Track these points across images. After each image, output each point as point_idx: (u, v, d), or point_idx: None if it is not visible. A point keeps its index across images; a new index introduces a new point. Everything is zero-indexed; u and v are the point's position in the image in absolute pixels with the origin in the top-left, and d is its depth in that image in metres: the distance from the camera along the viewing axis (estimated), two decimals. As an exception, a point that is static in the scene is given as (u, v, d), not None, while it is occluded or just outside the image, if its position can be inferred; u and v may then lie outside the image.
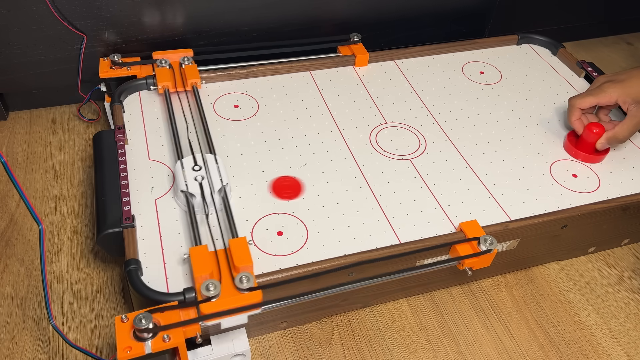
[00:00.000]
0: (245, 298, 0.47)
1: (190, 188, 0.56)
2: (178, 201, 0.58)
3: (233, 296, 0.47)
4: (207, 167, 0.58)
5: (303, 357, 0.56)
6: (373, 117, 0.72)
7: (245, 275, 0.47)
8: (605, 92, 0.66)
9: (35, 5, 0.69)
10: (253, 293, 0.47)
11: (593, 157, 0.67)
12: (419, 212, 0.60)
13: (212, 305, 0.46)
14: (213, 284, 0.46)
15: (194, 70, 0.71)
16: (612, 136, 0.65)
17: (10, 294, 0.59)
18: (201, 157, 0.59)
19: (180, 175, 0.57)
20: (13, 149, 0.76)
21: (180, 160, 0.59)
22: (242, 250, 0.50)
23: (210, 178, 0.57)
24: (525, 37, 0.88)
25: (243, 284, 0.47)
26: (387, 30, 0.91)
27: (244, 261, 0.49)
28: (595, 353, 0.58)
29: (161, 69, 0.71)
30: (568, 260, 0.68)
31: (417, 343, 0.58)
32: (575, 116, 0.68)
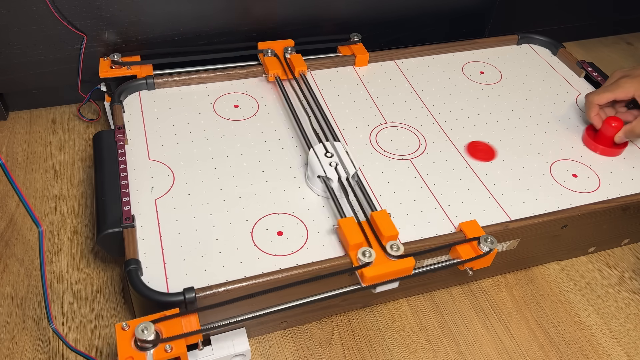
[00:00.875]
0: (399, 264, 0.51)
1: (328, 173, 0.58)
2: (314, 187, 0.60)
3: (387, 262, 0.51)
4: (339, 154, 0.61)
5: (303, 357, 0.56)
6: (373, 117, 0.72)
7: (395, 243, 0.51)
8: (622, 87, 0.67)
9: (35, 5, 0.69)
10: (405, 260, 0.51)
11: (612, 151, 0.68)
12: (419, 212, 0.60)
13: (370, 269, 0.50)
14: (369, 251, 0.50)
15: (300, 59, 0.75)
16: (629, 130, 0.66)
17: (10, 295, 0.59)
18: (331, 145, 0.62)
19: (316, 161, 0.59)
20: (13, 149, 0.76)
21: (312, 148, 0.61)
22: (386, 221, 0.53)
23: (344, 164, 0.60)
24: (525, 37, 0.88)
25: (394, 251, 0.51)
26: (387, 30, 0.91)
27: (390, 231, 0.53)
28: (595, 353, 0.58)
29: (269, 58, 0.75)
30: (568, 260, 0.68)
31: (417, 343, 0.58)
32: (594, 112, 0.69)
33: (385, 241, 0.52)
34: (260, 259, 0.53)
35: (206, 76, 0.74)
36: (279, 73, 0.74)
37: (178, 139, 0.66)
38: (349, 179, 0.59)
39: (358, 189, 0.59)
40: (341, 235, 0.54)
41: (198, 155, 0.64)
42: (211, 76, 0.74)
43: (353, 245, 0.52)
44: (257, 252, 0.54)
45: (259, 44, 0.77)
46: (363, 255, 0.50)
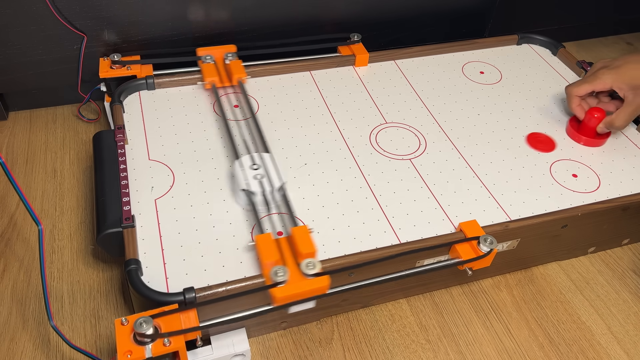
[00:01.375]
0: (314, 283, 0.48)
1: (251, 186, 0.57)
2: (238, 200, 0.58)
3: (301, 281, 0.48)
4: (265, 166, 0.59)
5: (303, 357, 0.56)
6: (373, 117, 0.72)
7: (311, 261, 0.49)
8: (600, 79, 0.67)
9: (35, 5, 0.69)
10: (320, 278, 0.49)
11: (595, 141, 0.69)
12: (419, 212, 0.60)
13: (281, 289, 0.47)
14: (282, 269, 0.48)
15: (239, 66, 0.73)
16: (609, 122, 0.67)
17: (10, 294, 0.59)
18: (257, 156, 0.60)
19: (240, 174, 0.58)
20: (13, 149, 0.76)
21: (238, 159, 0.60)
22: (305, 237, 0.51)
23: (269, 176, 0.58)
24: (525, 37, 0.88)
25: (310, 270, 0.49)
26: (387, 30, 0.91)
27: (307, 248, 0.50)
28: (595, 353, 0.58)
29: (207, 64, 0.73)
30: (568, 260, 0.68)
31: (417, 343, 0.58)
32: (575, 103, 0.70)
33: (302, 259, 0.50)
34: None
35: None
36: (215, 80, 0.71)
37: (178, 139, 0.66)
38: (273, 192, 0.57)
39: (284, 203, 0.57)
40: (257, 252, 0.52)
41: (198, 155, 0.64)
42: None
43: (266, 264, 0.49)
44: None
45: (197, 50, 0.74)
46: (275, 274, 0.48)
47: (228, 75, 0.72)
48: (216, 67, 0.72)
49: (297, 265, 0.50)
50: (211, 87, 0.71)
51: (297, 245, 0.50)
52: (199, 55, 0.73)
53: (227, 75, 0.72)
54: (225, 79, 0.71)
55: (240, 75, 0.71)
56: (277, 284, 0.48)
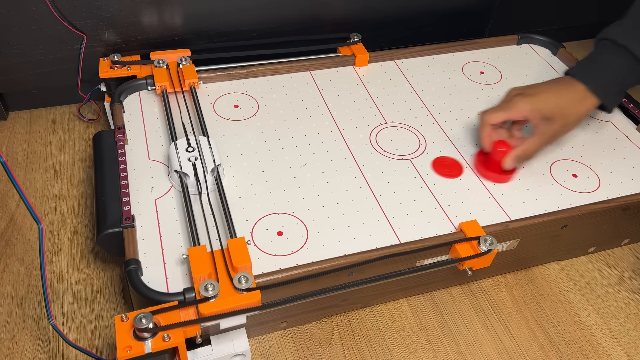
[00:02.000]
0: (244, 298, 0.47)
1: (184, 168, 0.57)
2: (172, 181, 0.59)
3: (231, 296, 0.47)
4: (201, 149, 0.59)
5: (303, 357, 0.56)
6: (373, 117, 0.72)
7: (244, 275, 0.48)
8: (515, 107, 0.61)
9: (35, 5, 0.69)
10: (252, 293, 0.47)
11: (501, 177, 0.64)
12: (419, 212, 0.60)
13: (210, 305, 0.46)
14: (212, 284, 0.47)
15: (192, 71, 0.72)
16: (520, 154, 0.62)
17: (10, 294, 0.59)
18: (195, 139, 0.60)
19: (174, 155, 0.58)
20: (13, 149, 0.76)
21: (174, 141, 0.59)
22: (241, 250, 0.50)
23: (204, 158, 0.58)
24: (525, 37, 0.88)
25: (242, 284, 0.47)
26: (387, 30, 0.91)
27: (242, 261, 0.49)
28: (595, 353, 0.58)
29: (159, 69, 0.71)
30: (568, 260, 0.68)
31: (417, 343, 0.58)
32: (486, 132, 0.63)
33: (235, 272, 0.48)
34: (260, 259, 0.53)
35: (206, 76, 0.74)
36: (167, 85, 0.70)
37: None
38: (205, 174, 0.57)
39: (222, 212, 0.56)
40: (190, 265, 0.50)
41: (198, 155, 0.64)
42: (211, 76, 0.74)
43: (197, 278, 0.48)
44: (257, 252, 0.54)
45: (151, 54, 0.73)
46: (205, 289, 0.46)
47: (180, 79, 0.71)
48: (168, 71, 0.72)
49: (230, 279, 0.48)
50: (161, 92, 0.70)
51: (231, 258, 0.49)
52: (152, 59, 0.72)
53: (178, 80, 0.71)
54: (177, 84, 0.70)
55: (193, 80, 0.71)
56: (207, 298, 0.46)
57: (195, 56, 0.75)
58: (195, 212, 0.56)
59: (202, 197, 0.57)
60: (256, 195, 0.60)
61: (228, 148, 0.65)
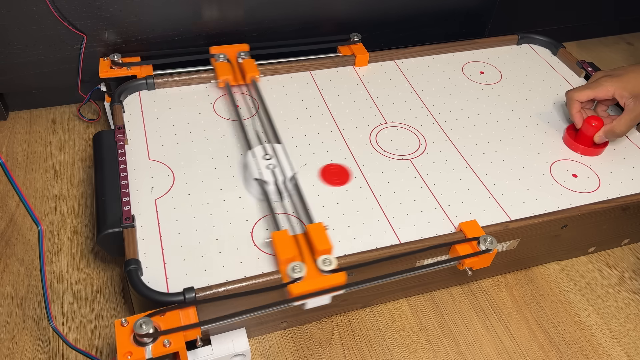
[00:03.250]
0: (330, 279, 0.49)
1: (264, 176, 0.58)
2: (250, 190, 0.59)
3: (317, 277, 0.49)
4: (277, 157, 0.60)
5: (303, 357, 0.56)
6: (373, 117, 0.72)
7: (328, 257, 0.50)
8: (603, 86, 0.67)
9: (35, 5, 0.69)
10: (336, 275, 0.49)
11: (592, 150, 0.68)
12: (419, 212, 0.60)
13: (299, 286, 0.48)
14: (299, 266, 0.49)
15: (252, 65, 0.73)
16: (609, 130, 0.66)
17: (10, 294, 0.59)
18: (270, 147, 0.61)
19: (253, 163, 0.59)
20: (13, 149, 0.76)
21: (251, 150, 0.60)
22: (321, 234, 0.52)
23: (281, 166, 0.59)
24: (525, 37, 0.88)
25: (327, 266, 0.49)
26: (387, 30, 0.91)
27: (324, 244, 0.51)
28: (595, 353, 0.58)
29: (221, 63, 0.73)
30: (568, 260, 0.68)
31: (417, 343, 0.58)
32: (576, 108, 0.69)
33: (318, 255, 0.50)
34: (260, 259, 0.53)
35: (206, 76, 0.74)
36: (229, 79, 0.72)
37: (178, 139, 0.66)
38: (285, 182, 0.58)
39: (298, 200, 0.58)
40: (274, 249, 0.52)
41: (198, 155, 0.64)
42: (211, 76, 0.74)
43: (283, 260, 0.50)
44: (257, 252, 0.54)
45: (210, 48, 0.74)
46: (292, 270, 0.48)
47: (242, 73, 0.73)
48: (230, 65, 0.74)
49: (314, 261, 0.50)
50: (224, 85, 0.72)
51: (313, 242, 0.51)
52: (212, 53, 0.74)
53: (240, 74, 0.73)
54: (239, 77, 0.73)
55: (254, 74, 0.72)
56: (295, 280, 0.48)
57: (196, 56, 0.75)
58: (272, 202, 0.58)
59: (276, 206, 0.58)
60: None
61: (228, 148, 0.65)
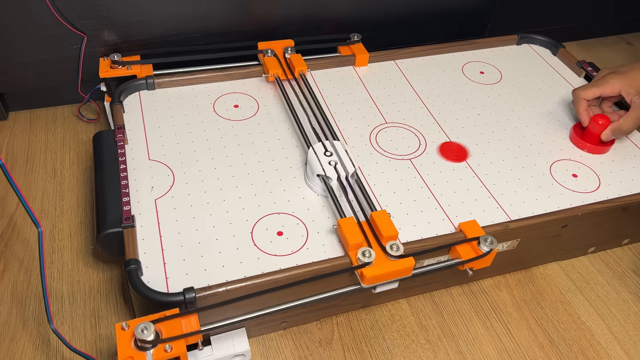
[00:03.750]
0: (398, 264, 0.50)
1: (327, 172, 0.58)
2: (314, 186, 0.60)
3: (386, 262, 0.50)
4: (338, 153, 0.61)
5: (303, 357, 0.56)
6: (373, 117, 0.72)
7: (395, 243, 0.51)
8: (609, 83, 0.67)
9: (35, 5, 0.69)
10: (404, 260, 0.51)
11: (598, 148, 0.68)
12: (419, 212, 0.60)
13: (370, 269, 0.49)
14: (369, 251, 0.50)
15: (300, 59, 0.75)
16: (616, 127, 0.66)
17: (10, 295, 0.59)
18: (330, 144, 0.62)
19: (316, 160, 0.59)
20: (13, 149, 0.76)
21: (311, 147, 0.61)
22: (386, 221, 0.53)
23: (343, 163, 0.60)
24: (525, 37, 0.88)
25: (394, 251, 0.51)
26: (387, 30, 0.91)
27: (390, 231, 0.52)
28: (595, 353, 0.58)
29: (269, 58, 0.75)
30: (568, 260, 0.68)
31: (417, 343, 0.58)
32: (582, 107, 0.68)
33: (385, 241, 0.52)
34: (260, 259, 0.53)
35: (206, 76, 0.74)
36: (279, 73, 0.74)
37: (178, 139, 0.66)
38: (348, 177, 0.59)
39: (358, 188, 0.59)
40: (341, 235, 0.54)
41: (198, 155, 0.64)
42: (211, 76, 0.74)
43: (353, 245, 0.52)
44: (257, 252, 0.54)
45: (259, 44, 0.77)
46: (363, 255, 0.50)
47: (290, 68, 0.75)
48: (278, 60, 0.75)
49: (382, 247, 0.51)
50: (274, 79, 0.74)
51: (379, 228, 0.53)
52: (260, 49, 0.76)
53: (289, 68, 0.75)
54: (288, 72, 0.74)
55: (302, 68, 0.74)
56: (365, 264, 0.50)
57: (196, 56, 0.75)
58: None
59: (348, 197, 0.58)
60: (256, 195, 0.60)
61: (228, 148, 0.65)
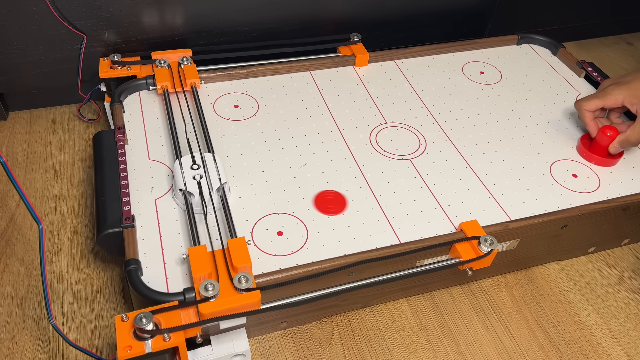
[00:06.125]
0: (244, 298, 0.47)
1: (188, 187, 0.56)
2: (177, 200, 0.58)
3: (231, 296, 0.47)
4: (206, 166, 0.58)
5: (303, 357, 0.56)
6: (373, 117, 0.72)
7: (244, 275, 0.48)
8: (611, 95, 0.66)
9: (35, 5, 0.69)
10: (251, 293, 0.47)
11: (607, 161, 0.67)
12: (419, 212, 0.60)
13: (210, 305, 0.46)
14: (212, 284, 0.47)
15: (193, 70, 0.71)
16: (624, 139, 0.65)
17: (10, 294, 0.59)
18: (200, 156, 0.59)
19: (179, 174, 0.57)
20: (13, 149, 0.76)
21: (178, 159, 0.59)
22: (241, 250, 0.50)
23: (209, 177, 0.57)
24: (525, 37, 0.88)
25: (242, 284, 0.47)
26: (387, 30, 0.91)
27: (242, 261, 0.49)
28: (595, 353, 0.58)
29: (160, 69, 0.71)
30: (568, 260, 0.68)
31: (417, 343, 0.58)
32: (589, 117, 0.67)
33: (235, 272, 0.48)
34: (260, 259, 0.53)
35: (206, 76, 0.74)
36: (168, 85, 0.70)
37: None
38: (210, 193, 0.56)
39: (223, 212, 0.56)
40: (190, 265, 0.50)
41: (198, 155, 0.64)
42: (211, 76, 0.74)
43: (197, 278, 0.48)
44: (257, 252, 0.54)
45: (152, 53, 0.73)
46: (205, 289, 0.46)
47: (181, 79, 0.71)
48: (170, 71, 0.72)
49: (230, 279, 0.48)
50: (162, 91, 0.70)
51: (232, 258, 0.49)
52: (154, 58, 0.73)
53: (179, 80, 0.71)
54: (178, 84, 0.70)
55: (194, 80, 0.71)
56: (207, 298, 0.46)
57: (196, 57, 0.75)
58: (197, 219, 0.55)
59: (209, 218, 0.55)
60: (256, 195, 0.60)
61: (228, 148, 0.65)
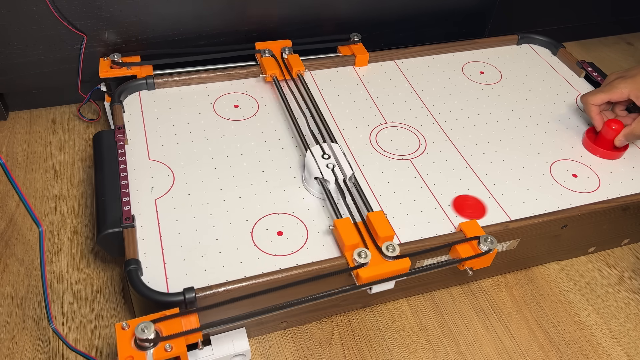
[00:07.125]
0: (395, 264, 0.51)
1: (324, 175, 0.58)
2: (311, 189, 0.60)
3: (382, 263, 0.51)
4: (336, 156, 0.61)
5: (303, 357, 0.56)
6: (373, 117, 0.72)
7: (391, 244, 0.51)
8: (617, 88, 0.66)
9: (35, 5, 0.69)
10: (400, 260, 0.51)
11: (612, 154, 0.68)
12: (419, 212, 0.60)
13: (367, 270, 0.50)
14: (364, 252, 0.51)
15: (297, 60, 0.75)
16: (629, 132, 0.65)
17: (10, 295, 0.59)
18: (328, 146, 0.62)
19: (313, 163, 0.59)
20: (13, 149, 0.76)
21: (309, 149, 0.61)
22: (382, 221, 0.53)
23: (341, 165, 0.59)
24: (525, 37, 0.88)
25: (390, 252, 0.51)
26: (387, 30, 0.91)
27: (386, 231, 0.52)
28: (595, 353, 0.58)
29: (266, 58, 0.75)
30: (568, 260, 0.68)
31: (417, 343, 0.58)
32: (595, 112, 0.68)
33: (381, 242, 0.52)
34: (260, 259, 0.53)
35: (206, 76, 0.74)
36: (277, 73, 0.74)
37: (178, 139, 0.66)
38: (345, 180, 0.59)
39: (355, 190, 0.59)
40: (337, 236, 0.54)
41: (198, 155, 0.64)
42: (211, 76, 0.74)
43: (349, 246, 0.52)
44: (257, 252, 0.54)
45: (256, 44, 0.77)
46: (359, 256, 0.50)
47: (288, 68, 0.75)
48: (276, 60, 0.75)
49: (378, 248, 0.52)
50: (272, 79, 0.74)
51: (375, 229, 0.53)
52: (258, 49, 0.76)
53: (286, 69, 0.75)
54: (286, 72, 0.74)
55: (300, 69, 0.74)
56: (361, 265, 0.50)
57: (195, 57, 0.75)
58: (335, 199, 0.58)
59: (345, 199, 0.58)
60: (256, 195, 0.60)
61: (228, 148, 0.65)
